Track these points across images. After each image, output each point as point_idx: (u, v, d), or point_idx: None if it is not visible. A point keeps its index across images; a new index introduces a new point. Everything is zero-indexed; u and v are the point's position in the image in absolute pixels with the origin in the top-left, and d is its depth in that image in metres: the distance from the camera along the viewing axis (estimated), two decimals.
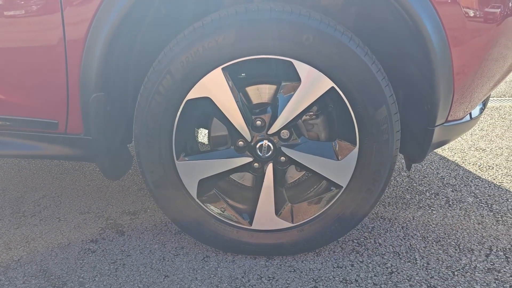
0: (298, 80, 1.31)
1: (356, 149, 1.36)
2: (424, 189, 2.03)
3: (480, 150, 2.47)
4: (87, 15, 1.28)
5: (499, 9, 1.30)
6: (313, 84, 1.30)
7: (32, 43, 1.34)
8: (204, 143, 2.61)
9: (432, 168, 2.26)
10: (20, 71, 1.38)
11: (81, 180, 2.20)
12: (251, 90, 1.44)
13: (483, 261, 1.50)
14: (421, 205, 1.88)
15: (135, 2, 1.27)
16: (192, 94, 1.33)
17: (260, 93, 1.44)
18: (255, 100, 1.45)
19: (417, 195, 1.97)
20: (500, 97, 3.65)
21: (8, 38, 1.35)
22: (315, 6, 1.52)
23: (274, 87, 1.43)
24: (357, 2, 1.49)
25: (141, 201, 1.97)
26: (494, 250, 1.56)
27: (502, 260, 1.51)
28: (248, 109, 1.40)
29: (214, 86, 1.32)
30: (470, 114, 1.57)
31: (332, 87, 1.30)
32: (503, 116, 3.07)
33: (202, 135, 2.73)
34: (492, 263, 1.49)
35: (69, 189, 2.09)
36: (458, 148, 2.51)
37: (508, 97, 3.64)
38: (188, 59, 1.29)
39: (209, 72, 1.30)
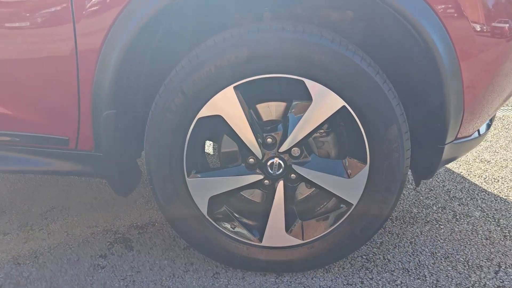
0: (309, 98, 1.31)
1: (367, 167, 1.36)
2: (431, 202, 2.03)
3: (485, 162, 2.47)
4: (103, 25, 1.27)
5: (508, 24, 1.31)
6: (324, 103, 1.31)
7: (44, 56, 1.34)
8: (209, 153, 2.61)
9: (438, 180, 2.26)
10: (34, 87, 1.38)
11: (88, 192, 2.20)
12: (261, 107, 1.45)
13: (492, 278, 1.51)
14: (428, 219, 1.88)
15: (157, 13, 1.25)
16: (204, 112, 1.33)
17: (271, 110, 1.45)
18: (265, 117, 1.45)
19: (424, 209, 1.97)
20: (503, 107, 3.65)
21: (17, 50, 1.34)
22: (324, 22, 1.53)
23: (284, 104, 1.43)
24: (366, 18, 1.49)
25: (149, 214, 1.97)
26: (503, 267, 1.56)
27: None
28: (259, 126, 1.40)
29: (226, 104, 1.32)
30: (478, 130, 1.58)
31: (343, 106, 1.31)
32: (507, 127, 3.08)
33: (207, 146, 2.73)
34: (501, 281, 1.49)
35: (76, 202, 2.09)
36: (463, 160, 2.51)
37: (511, 107, 3.65)
38: (200, 78, 1.29)
39: (221, 91, 1.31)
